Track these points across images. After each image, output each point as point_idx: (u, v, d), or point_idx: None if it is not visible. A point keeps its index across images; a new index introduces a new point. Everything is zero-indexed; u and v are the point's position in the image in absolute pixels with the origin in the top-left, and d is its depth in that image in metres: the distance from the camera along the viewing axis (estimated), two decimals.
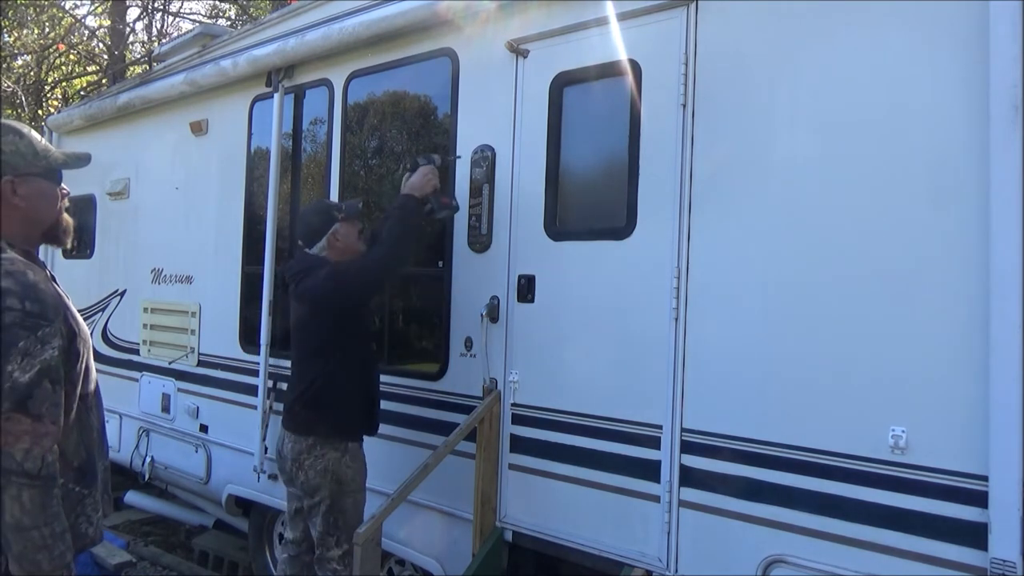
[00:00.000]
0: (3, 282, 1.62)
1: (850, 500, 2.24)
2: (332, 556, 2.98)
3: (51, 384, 1.64)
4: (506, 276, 3.12)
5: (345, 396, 3.01)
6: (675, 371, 2.62)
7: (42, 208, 1.83)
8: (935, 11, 2.17)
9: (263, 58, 4.12)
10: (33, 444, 1.60)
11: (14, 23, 12.67)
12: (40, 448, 1.61)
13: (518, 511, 3.05)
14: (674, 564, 2.60)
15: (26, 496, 1.59)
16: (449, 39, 3.36)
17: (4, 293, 1.61)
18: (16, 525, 1.59)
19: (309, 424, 3.00)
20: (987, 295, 2.02)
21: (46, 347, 1.64)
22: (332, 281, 2.95)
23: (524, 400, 3.05)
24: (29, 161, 1.78)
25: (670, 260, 2.64)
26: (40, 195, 1.82)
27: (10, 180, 1.75)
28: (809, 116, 2.39)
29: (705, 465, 2.55)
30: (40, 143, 1.83)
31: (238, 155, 4.42)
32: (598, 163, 2.97)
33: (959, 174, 2.11)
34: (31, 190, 1.79)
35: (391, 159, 3.70)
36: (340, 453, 2.99)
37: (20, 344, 1.61)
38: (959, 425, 2.08)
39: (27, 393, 1.60)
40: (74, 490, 1.76)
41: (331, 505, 2.97)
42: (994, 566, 1.99)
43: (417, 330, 3.35)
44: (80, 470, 1.79)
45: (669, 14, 2.69)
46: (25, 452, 1.59)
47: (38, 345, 1.63)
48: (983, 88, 2.05)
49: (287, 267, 3.28)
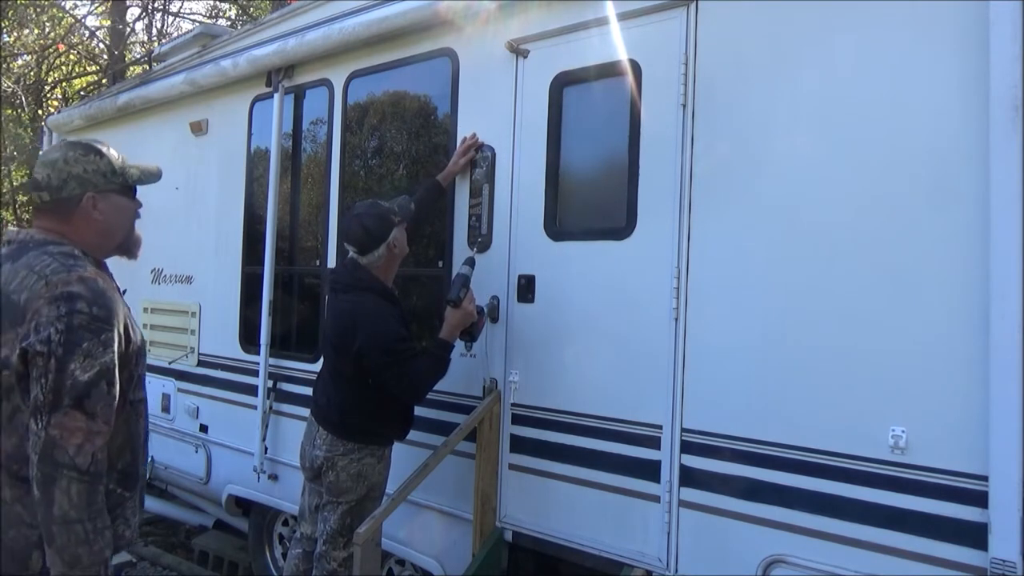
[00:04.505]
0: (76, 287, 1.72)
1: (850, 500, 2.24)
2: (337, 556, 2.97)
3: (107, 385, 1.73)
4: (506, 276, 3.12)
5: (387, 412, 2.97)
6: (675, 371, 2.62)
7: (118, 222, 1.95)
8: (935, 11, 2.17)
9: (263, 58, 4.12)
10: (85, 441, 1.68)
11: (14, 23, 12.67)
12: (91, 445, 1.69)
13: (518, 511, 3.05)
14: (674, 564, 2.60)
15: (74, 490, 1.66)
16: (449, 39, 3.36)
17: (76, 297, 1.71)
18: (63, 517, 1.65)
19: (350, 430, 2.94)
20: (987, 295, 2.02)
21: (107, 351, 1.73)
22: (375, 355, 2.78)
23: (524, 400, 3.05)
24: (108, 178, 1.90)
25: (670, 260, 2.64)
26: (117, 210, 1.93)
27: (91, 196, 1.87)
28: (809, 116, 2.39)
29: (705, 465, 2.55)
30: (118, 160, 1.94)
31: (238, 155, 4.42)
32: (598, 163, 2.97)
33: (959, 174, 2.11)
34: (109, 205, 1.91)
35: (391, 159, 3.70)
36: (376, 459, 2.97)
37: (84, 345, 1.69)
38: (959, 425, 2.08)
39: (85, 392, 1.68)
40: (116, 492, 1.83)
41: (352, 507, 2.95)
42: (994, 566, 1.99)
43: (417, 330, 3.35)
44: (123, 472, 1.86)
45: (669, 14, 2.70)
46: (78, 448, 1.67)
47: (100, 348, 1.72)
48: (983, 88, 2.05)
49: (335, 275, 3.07)
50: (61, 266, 1.76)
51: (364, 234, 2.87)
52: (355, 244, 2.90)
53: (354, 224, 2.90)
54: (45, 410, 1.66)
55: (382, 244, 2.88)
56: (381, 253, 2.89)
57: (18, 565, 1.73)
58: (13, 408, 1.73)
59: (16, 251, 1.82)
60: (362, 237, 2.87)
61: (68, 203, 1.85)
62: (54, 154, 1.88)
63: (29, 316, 1.69)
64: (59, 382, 1.66)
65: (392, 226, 2.90)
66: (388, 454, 3.04)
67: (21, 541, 1.73)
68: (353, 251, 2.93)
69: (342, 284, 2.95)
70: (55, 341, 1.67)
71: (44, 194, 1.85)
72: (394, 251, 2.93)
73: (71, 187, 1.85)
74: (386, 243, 2.88)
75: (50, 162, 1.86)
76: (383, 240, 2.88)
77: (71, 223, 1.86)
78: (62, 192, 1.85)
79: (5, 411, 1.73)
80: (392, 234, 2.89)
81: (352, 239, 2.91)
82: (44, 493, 1.66)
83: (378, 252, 2.89)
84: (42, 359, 1.67)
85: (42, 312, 1.69)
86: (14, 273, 1.76)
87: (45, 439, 1.66)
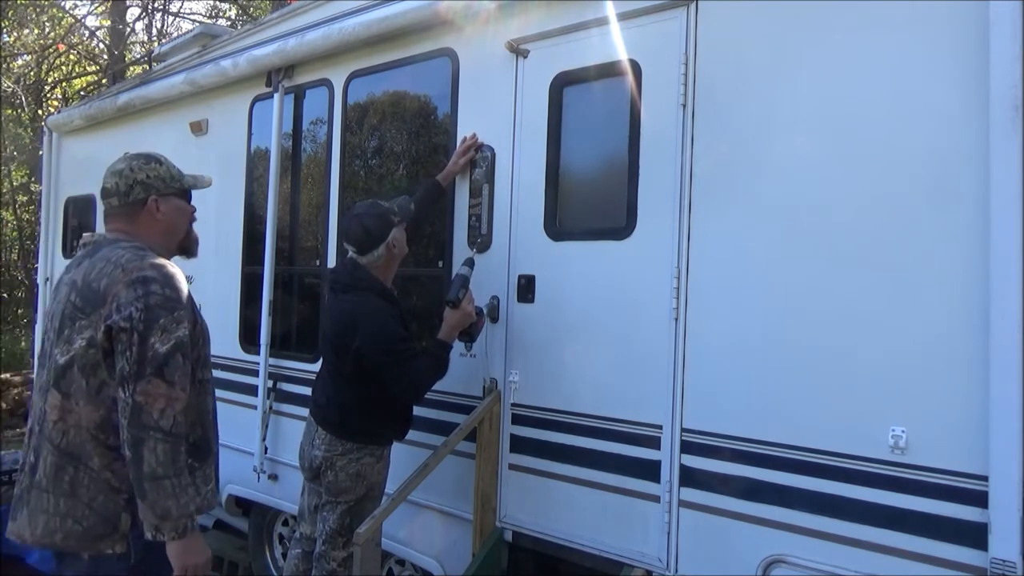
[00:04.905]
0: (149, 271, 1.97)
1: (850, 500, 2.24)
2: (337, 556, 2.97)
3: (182, 357, 1.96)
4: (506, 276, 3.12)
5: (386, 412, 2.97)
6: (675, 371, 2.62)
7: (178, 222, 2.20)
8: (935, 11, 2.17)
9: (263, 58, 4.12)
10: (167, 405, 1.91)
11: (14, 23, 12.67)
12: (172, 409, 1.91)
13: (518, 511, 3.05)
14: (674, 564, 2.60)
15: (160, 449, 1.88)
16: (449, 39, 3.36)
17: (150, 280, 1.95)
18: (152, 474, 1.87)
19: (349, 430, 2.93)
20: (987, 295, 2.02)
21: (179, 326, 1.97)
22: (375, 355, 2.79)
23: (524, 400, 3.05)
24: (168, 183, 2.16)
25: (670, 260, 2.64)
26: (177, 211, 2.19)
27: (154, 199, 2.13)
28: (809, 116, 2.38)
29: (705, 465, 2.55)
30: (174, 168, 2.21)
31: (238, 155, 4.42)
32: (598, 163, 2.97)
33: (959, 174, 2.11)
34: (170, 207, 2.17)
35: (391, 159, 3.70)
36: (375, 459, 2.97)
37: (160, 321, 1.93)
38: (959, 425, 2.07)
39: (164, 362, 1.92)
40: (187, 462, 1.99)
41: (351, 507, 2.95)
42: (994, 566, 1.99)
43: (417, 330, 3.34)
44: (195, 445, 2.05)
45: (669, 14, 2.70)
46: (161, 412, 1.90)
47: (174, 324, 1.95)
48: (983, 88, 2.05)
49: (335, 275, 3.06)
50: (134, 256, 2.00)
51: (364, 234, 2.88)
52: (355, 244, 2.91)
53: (354, 224, 2.91)
54: (131, 379, 1.89)
55: (382, 244, 2.89)
56: (381, 253, 2.90)
57: (109, 526, 1.95)
58: (100, 382, 1.95)
59: (92, 250, 2.07)
60: (362, 237, 2.88)
61: (135, 206, 2.12)
62: (120, 164, 2.14)
63: (109, 299, 1.93)
64: (142, 354, 1.90)
65: (392, 226, 2.90)
66: (387, 454, 3.04)
67: (111, 505, 1.95)
68: (353, 251, 2.93)
69: (342, 284, 2.95)
70: (136, 318, 1.90)
71: (113, 199, 2.12)
72: (394, 251, 2.93)
73: (136, 191, 2.11)
74: (386, 243, 2.89)
75: (117, 171, 2.12)
76: (383, 240, 2.88)
77: (138, 223, 2.12)
78: (129, 196, 2.11)
79: (92, 385, 1.95)
80: (392, 234, 2.90)
81: (352, 239, 2.92)
82: (134, 453, 1.88)
83: (378, 252, 2.89)
84: (126, 335, 1.90)
85: (121, 295, 1.93)
86: (92, 265, 2.00)
87: (132, 405, 1.88)
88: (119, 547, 1.95)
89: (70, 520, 1.93)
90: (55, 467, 1.95)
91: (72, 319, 1.97)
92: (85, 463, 1.95)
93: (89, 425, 1.95)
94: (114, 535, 1.95)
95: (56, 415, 1.97)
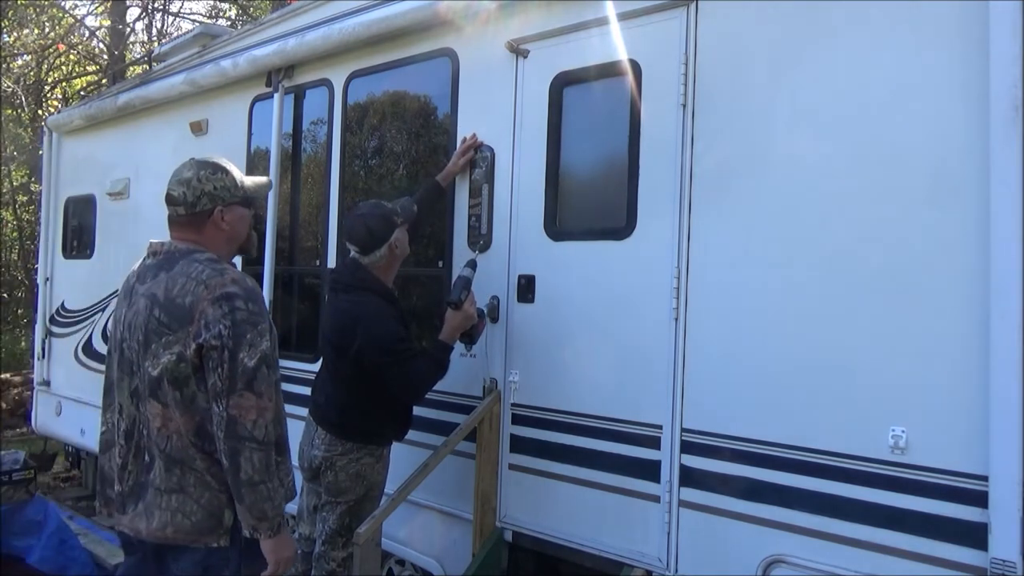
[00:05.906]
0: (231, 287, 2.04)
1: (850, 500, 2.24)
2: (336, 556, 2.97)
3: (267, 369, 2.05)
4: (506, 276, 3.12)
5: (386, 412, 2.97)
6: (675, 371, 2.62)
7: (241, 229, 2.24)
8: (935, 11, 2.17)
9: (263, 58, 4.12)
10: (259, 416, 2.01)
11: (14, 23, 12.67)
12: (263, 419, 2.02)
13: (518, 511, 3.05)
14: (674, 564, 2.60)
15: (255, 457, 2.00)
16: (449, 39, 3.36)
17: (234, 296, 2.03)
18: (248, 480, 2.00)
19: (348, 430, 2.93)
20: (987, 295, 2.02)
21: (264, 339, 2.05)
22: (375, 355, 2.79)
23: (524, 400, 3.05)
24: (232, 193, 2.19)
25: (670, 260, 2.64)
26: (240, 219, 2.23)
27: (220, 209, 2.16)
28: (809, 116, 2.38)
29: (705, 465, 2.55)
30: (237, 175, 2.22)
31: (238, 155, 4.41)
32: (598, 163, 2.97)
33: (959, 174, 2.11)
34: (233, 216, 2.20)
35: (391, 159, 3.70)
36: (375, 459, 2.96)
37: (247, 336, 2.02)
38: (959, 425, 2.07)
39: (253, 375, 2.01)
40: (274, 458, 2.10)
41: (351, 507, 2.94)
42: (994, 566, 1.99)
43: (417, 330, 3.34)
44: (278, 443, 2.14)
45: (669, 14, 2.70)
46: (253, 423, 2.00)
47: (259, 338, 2.04)
48: (983, 88, 2.05)
49: (336, 274, 3.08)
50: (214, 271, 2.06)
51: (367, 234, 2.88)
52: (358, 244, 2.91)
53: (357, 224, 2.91)
54: (224, 394, 1.99)
55: (384, 245, 2.89)
56: (383, 253, 2.90)
57: (215, 521, 2.06)
58: (192, 393, 2.03)
59: (165, 261, 2.11)
60: (365, 237, 2.88)
61: (201, 216, 2.15)
62: (187, 173, 2.15)
63: (197, 317, 2.00)
64: (232, 370, 1.99)
65: (394, 227, 2.90)
66: (387, 454, 3.04)
67: (215, 502, 2.06)
68: (355, 251, 2.94)
69: (342, 284, 2.96)
70: (225, 335, 1.99)
71: (180, 209, 2.14)
72: (395, 252, 2.93)
73: (204, 203, 2.14)
74: (388, 244, 2.89)
75: (184, 181, 2.14)
76: (385, 241, 2.88)
77: (204, 233, 2.16)
78: (196, 207, 2.14)
79: (186, 396, 2.03)
80: (394, 235, 2.90)
81: (355, 239, 2.91)
82: (232, 462, 1.99)
83: (380, 252, 2.89)
84: (216, 352, 1.99)
85: (208, 312, 2.00)
86: (172, 281, 2.06)
87: (227, 418, 1.99)
88: (223, 541, 2.07)
89: (180, 515, 2.04)
90: (165, 469, 2.06)
91: (158, 334, 2.03)
92: (190, 465, 2.06)
93: (187, 432, 2.05)
94: (219, 529, 2.06)
95: (159, 422, 2.06)
